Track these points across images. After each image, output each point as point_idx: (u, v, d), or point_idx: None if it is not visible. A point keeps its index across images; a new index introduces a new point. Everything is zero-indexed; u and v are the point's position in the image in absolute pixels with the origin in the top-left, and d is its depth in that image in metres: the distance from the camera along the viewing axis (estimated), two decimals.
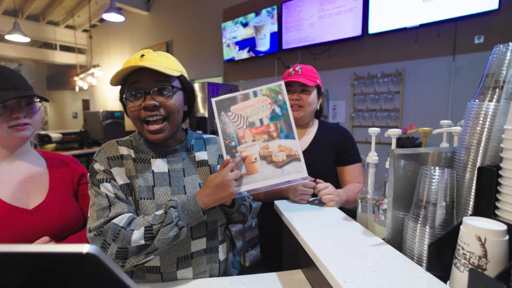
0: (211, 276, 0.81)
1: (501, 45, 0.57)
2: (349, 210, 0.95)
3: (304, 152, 1.14)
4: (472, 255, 0.49)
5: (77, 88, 7.31)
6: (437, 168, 0.59)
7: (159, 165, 0.77)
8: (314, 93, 1.15)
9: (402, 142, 2.66)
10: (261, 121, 0.79)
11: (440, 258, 0.57)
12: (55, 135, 3.81)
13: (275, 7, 3.93)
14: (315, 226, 0.79)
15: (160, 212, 0.70)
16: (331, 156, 1.17)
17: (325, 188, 0.94)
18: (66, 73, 8.55)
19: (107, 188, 0.71)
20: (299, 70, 1.14)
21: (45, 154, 0.93)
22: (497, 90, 0.56)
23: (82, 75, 6.97)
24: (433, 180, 0.59)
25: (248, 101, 0.79)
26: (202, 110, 3.53)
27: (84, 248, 0.29)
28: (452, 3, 2.58)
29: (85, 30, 7.91)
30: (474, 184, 0.58)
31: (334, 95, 3.53)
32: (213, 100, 0.78)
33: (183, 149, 0.82)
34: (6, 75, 0.78)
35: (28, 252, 0.31)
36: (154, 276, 0.75)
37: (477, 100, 0.60)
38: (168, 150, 0.80)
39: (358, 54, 3.31)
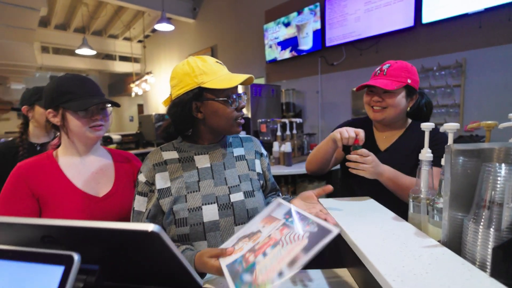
0: None
1: None
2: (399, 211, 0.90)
3: (384, 151, 1.13)
4: None
5: (133, 94, 8.02)
6: (503, 164, 0.53)
7: (202, 161, 0.85)
8: (401, 94, 1.07)
9: (464, 140, 2.40)
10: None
11: (508, 264, 0.51)
12: (115, 136, 4.24)
13: (317, 4, 3.86)
14: (361, 224, 0.77)
15: None
16: (411, 158, 1.05)
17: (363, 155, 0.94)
18: (124, 80, 9.48)
19: (142, 202, 0.81)
20: (386, 70, 1.07)
21: (110, 151, 1.06)
22: None
23: (137, 82, 7.63)
24: (499, 178, 0.53)
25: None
26: (245, 111, 3.61)
27: (149, 227, 0.34)
28: None
29: (139, 41, 8.66)
30: None
31: None
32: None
33: (221, 146, 0.90)
34: (88, 84, 0.93)
35: (103, 227, 0.37)
36: None
37: None
38: (209, 147, 0.88)
39: (410, 46, 3.07)
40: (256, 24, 4.91)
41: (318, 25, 3.90)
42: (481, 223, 0.56)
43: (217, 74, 0.80)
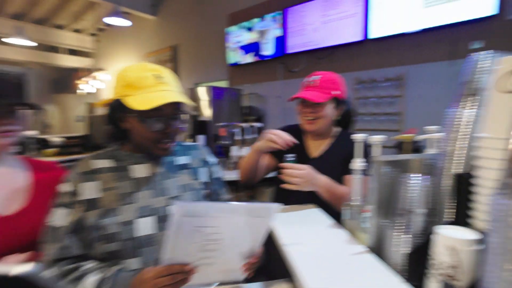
0: None
1: (476, 53, 0.57)
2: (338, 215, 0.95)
3: (315, 159, 1.17)
4: (444, 265, 0.49)
5: (81, 91, 7.34)
6: (414, 175, 0.59)
7: (140, 170, 0.80)
8: (330, 106, 1.13)
9: (406, 146, 2.63)
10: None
11: (418, 268, 0.57)
12: (56, 139, 3.72)
13: (280, 12, 3.96)
14: (298, 232, 0.79)
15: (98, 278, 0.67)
16: (341, 164, 1.10)
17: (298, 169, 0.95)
18: (71, 76, 8.63)
19: (62, 215, 0.72)
20: (316, 81, 1.11)
21: (30, 161, 0.93)
22: (473, 97, 0.56)
23: (85, 79, 7.02)
24: (411, 187, 0.59)
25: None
26: (205, 113, 3.56)
27: (14, 269, 0.25)
28: (452, 9, 2.56)
29: (92, 34, 8.04)
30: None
31: None
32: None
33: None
34: None
35: None
36: None
37: (455, 107, 0.60)
38: (147, 156, 0.82)
39: (360, 58, 3.30)
40: (219, 26, 4.87)
41: (279, 32, 4.00)
42: (399, 230, 0.61)
43: (144, 90, 0.72)
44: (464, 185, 0.54)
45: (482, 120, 0.51)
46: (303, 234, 0.79)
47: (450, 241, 0.47)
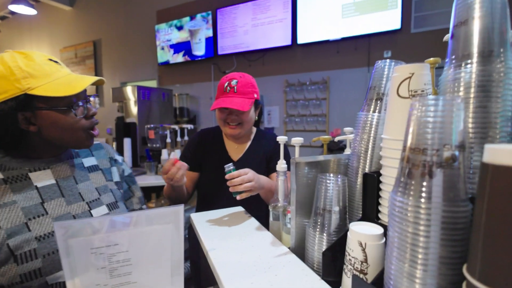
0: None
1: (380, 61, 0.61)
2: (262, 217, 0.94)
3: (237, 161, 1.16)
4: (356, 260, 0.50)
5: None
6: (330, 175, 0.61)
7: (42, 177, 0.69)
8: (252, 109, 1.12)
9: (330, 145, 2.86)
10: None
11: (334, 264, 0.58)
12: None
13: (210, 12, 3.90)
14: (225, 238, 0.76)
15: None
16: (262, 164, 1.16)
17: (244, 174, 0.86)
18: None
19: None
20: (235, 87, 1.07)
21: None
22: (379, 101, 0.61)
23: None
24: (327, 187, 0.60)
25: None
26: (133, 115, 3.27)
27: None
28: (366, 21, 2.90)
29: None
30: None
31: (269, 101, 3.63)
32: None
33: (67, 157, 0.76)
34: None
35: None
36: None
37: (364, 111, 0.64)
38: (50, 160, 0.71)
39: (289, 62, 3.48)
40: (147, 23, 4.56)
41: (210, 33, 3.94)
42: (317, 229, 0.63)
43: (51, 77, 0.65)
44: (371, 183, 0.57)
45: (385, 122, 0.55)
46: (229, 238, 0.76)
47: (359, 236, 0.49)
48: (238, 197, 0.85)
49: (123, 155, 2.59)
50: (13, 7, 4.08)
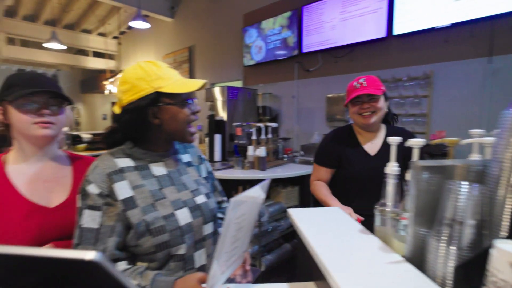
0: None
1: None
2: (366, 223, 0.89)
3: (374, 157, 1.28)
4: (505, 284, 0.43)
5: (106, 92, 7.66)
6: (465, 182, 0.54)
7: (158, 169, 0.83)
8: (382, 99, 1.25)
9: (429, 149, 2.51)
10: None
11: (468, 283, 0.51)
12: (85, 135, 4.01)
13: (295, 10, 3.90)
14: (328, 237, 0.75)
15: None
16: (399, 160, 1.16)
17: None
18: (97, 77, 9.01)
19: (94, 218, 0.72)
20: (364, 82, 1.23)
21: (71, 155, 0.96)
22: None
23: (111, 79, 7.30)
24: (460, 196, 0.53)
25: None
26: (221, 113, 3.55)
27: (87, 255, 0.27)
28: (487, 1, 2.40)
29: (115, 37, 8.30)
30: (508, 203, 0.52)
31: None
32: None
33: (173, 153, 0.89)
34: (40, 79, 0.83)
35: (29, 255, 0.30)
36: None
37: None
38: (162, 154, 0.85)
39: (382, 56, 3.18)
40: (234, 26, 4.87)
41: (295, 31, 3.94)
42: (443, 241, 0.56)
43: (172, 79, 0.79)
44: None
45: None
46: (334, 237, 0.75)
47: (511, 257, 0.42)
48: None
49: (213, 150, 2.84)
50: (133, 23, 4.94)
